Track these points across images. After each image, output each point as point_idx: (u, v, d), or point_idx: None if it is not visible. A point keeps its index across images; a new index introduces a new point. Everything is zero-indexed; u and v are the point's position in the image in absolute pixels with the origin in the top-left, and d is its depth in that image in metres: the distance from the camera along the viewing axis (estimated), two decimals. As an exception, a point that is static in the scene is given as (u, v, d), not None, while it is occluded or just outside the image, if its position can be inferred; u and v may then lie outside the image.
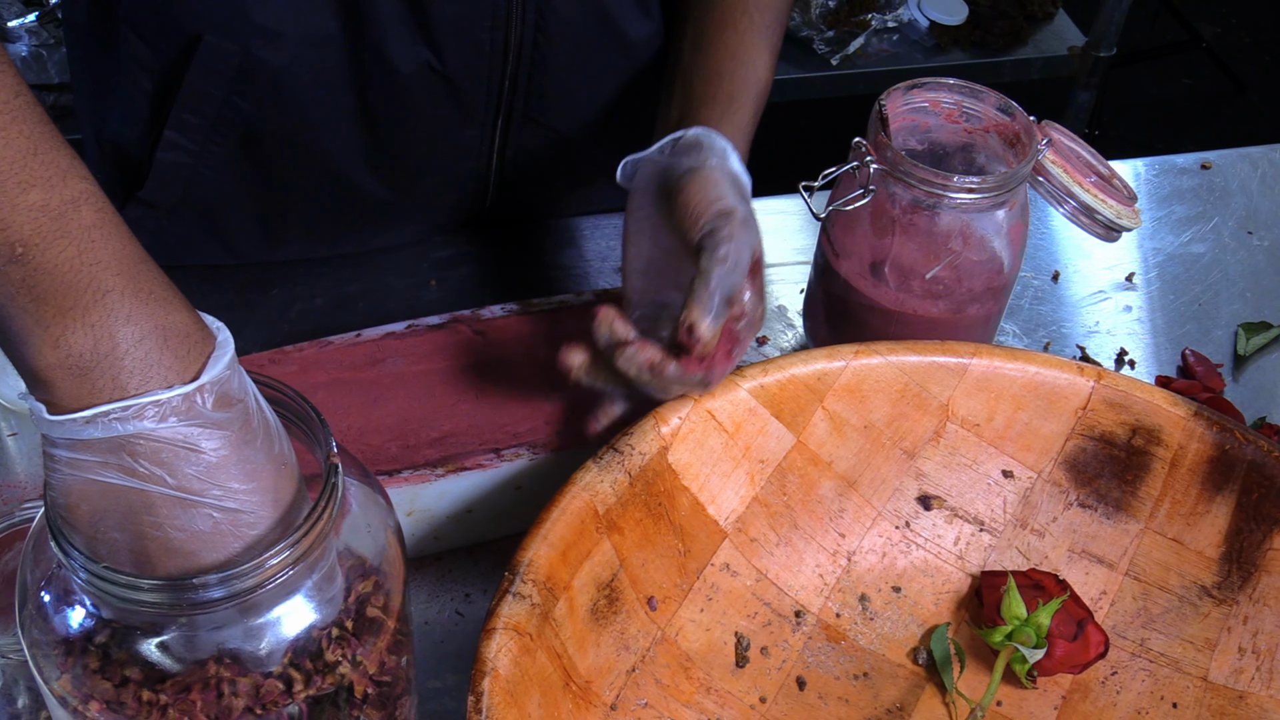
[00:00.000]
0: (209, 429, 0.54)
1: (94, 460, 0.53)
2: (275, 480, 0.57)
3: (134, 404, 0.52)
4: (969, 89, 0.89)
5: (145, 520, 0.54)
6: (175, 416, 0.53)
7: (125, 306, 0.53)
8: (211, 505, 0.55)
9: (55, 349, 0.52)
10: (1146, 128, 2.82)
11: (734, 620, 0.78)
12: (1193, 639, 0.79)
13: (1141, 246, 1.13)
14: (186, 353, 0.55)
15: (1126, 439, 0.82)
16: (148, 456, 0.53)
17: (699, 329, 0.73)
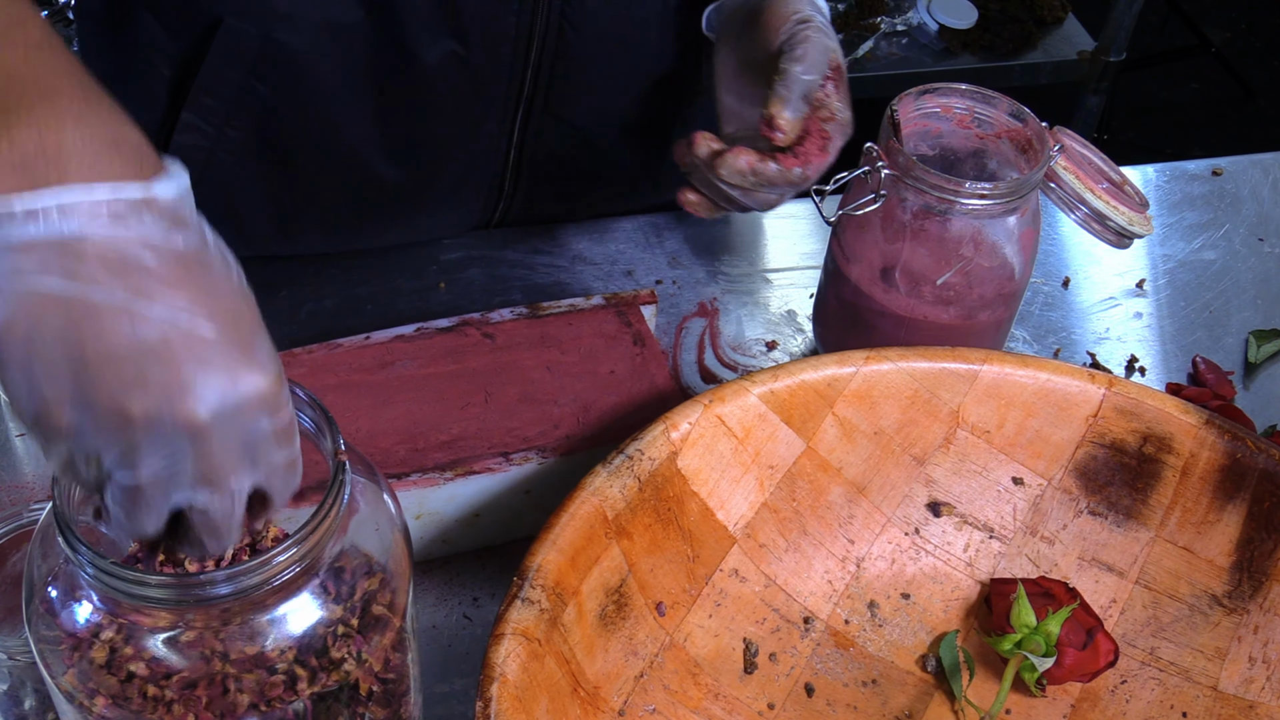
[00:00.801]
0: (159, 240, 0.50)
1: (33, 264, 0.49)
2: (232, 304, 0.53)
3: (79, 192, 0.49)
4: (981, 94, 0.89)
5: (86, 329, 0.49)
6: (124, 222, 0.50)
7: (75, 108, 0.50)
8: (157, 317, 0.50)
9: (23, 141, 0.49)
10: (1156, 133, 2.81)
11: (742, 626, 0.78)
12: (1203, 648, 0.79)
13: (1152, 253, 1.13)
14: (139, 165, 0.51)
15: (1137, 447, 0.82)
16: (92, 259, 0.49)
17: (779, 119, 0.79)
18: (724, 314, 1.03)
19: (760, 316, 1.03)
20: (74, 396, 0.50)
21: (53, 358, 0.50)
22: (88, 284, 0.49)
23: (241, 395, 0.52)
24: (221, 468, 0.53)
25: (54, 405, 0.51)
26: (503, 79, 0.95)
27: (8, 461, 0.89)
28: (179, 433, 0.51)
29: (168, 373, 0.50)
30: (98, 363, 0.50)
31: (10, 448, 0.89)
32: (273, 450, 0.55)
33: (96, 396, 0.50)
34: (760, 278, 1.06)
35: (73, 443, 0.52)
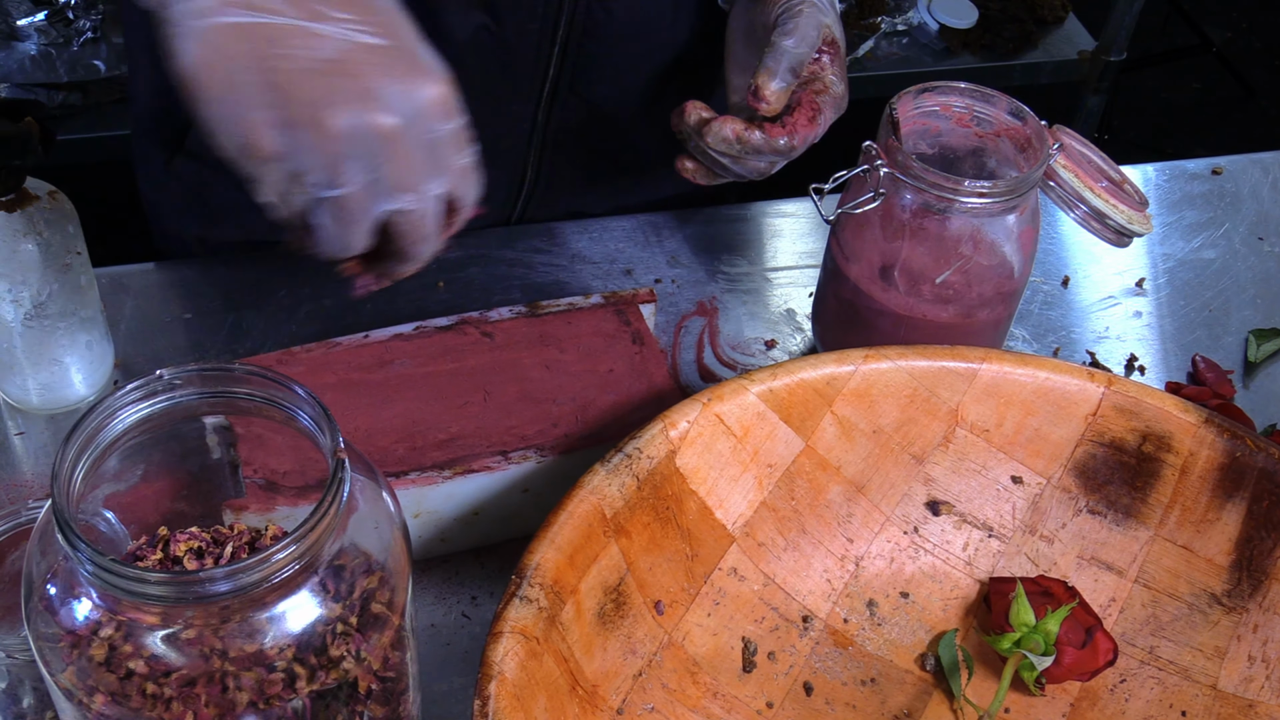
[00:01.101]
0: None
1: (216, 5, 0.54)
2: (392, 17, 0.57)
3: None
4: (980, 93, 0.89)
5: (273, 53, 0.54)
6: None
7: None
8: (334, 34, 0.55)
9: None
10: (1156, 132, 2.81)
11: (741, 625, 0.78)
12: (1202, 647, 0.79)
13: (1152, 252, 1.13)
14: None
15: (1136, 445, 0.82)
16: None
17: (764, 90, 0.80)
18: (723, 313, 1.03)
19: (759, 315, 1.03)
20: (276, 119, 0.56)
21: (249, 82, 0.55)
22: (269, 11, 0.54)
23: (421, 100, 0.57)
24: (416, 171, 0.59)
25: (258, 130, 0.56)
26: (530, 54, 0.95)
27: (6, 459, 0.89)
28: (375, 140, 0.56)
29: (354, 83, 0.55)
30: (290, 81, 0.55)
31: (9, 445, 0.89)
32: (453, 154, 0.60)
33: (296, 114, 0.55)
34: (759, 276, 1.06)
35: (281, 166, 0.57)
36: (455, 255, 1.05)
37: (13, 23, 1.88)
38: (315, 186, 0.58)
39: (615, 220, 1.09)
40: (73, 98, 1.92)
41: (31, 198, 0.83)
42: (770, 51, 0.82)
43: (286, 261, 1.04)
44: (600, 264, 1.06)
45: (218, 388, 0.62)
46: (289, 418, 0.62)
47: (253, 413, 0.63)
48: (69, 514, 0.56)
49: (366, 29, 0.56)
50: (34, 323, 0.86)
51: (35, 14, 1.88)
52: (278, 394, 0.62)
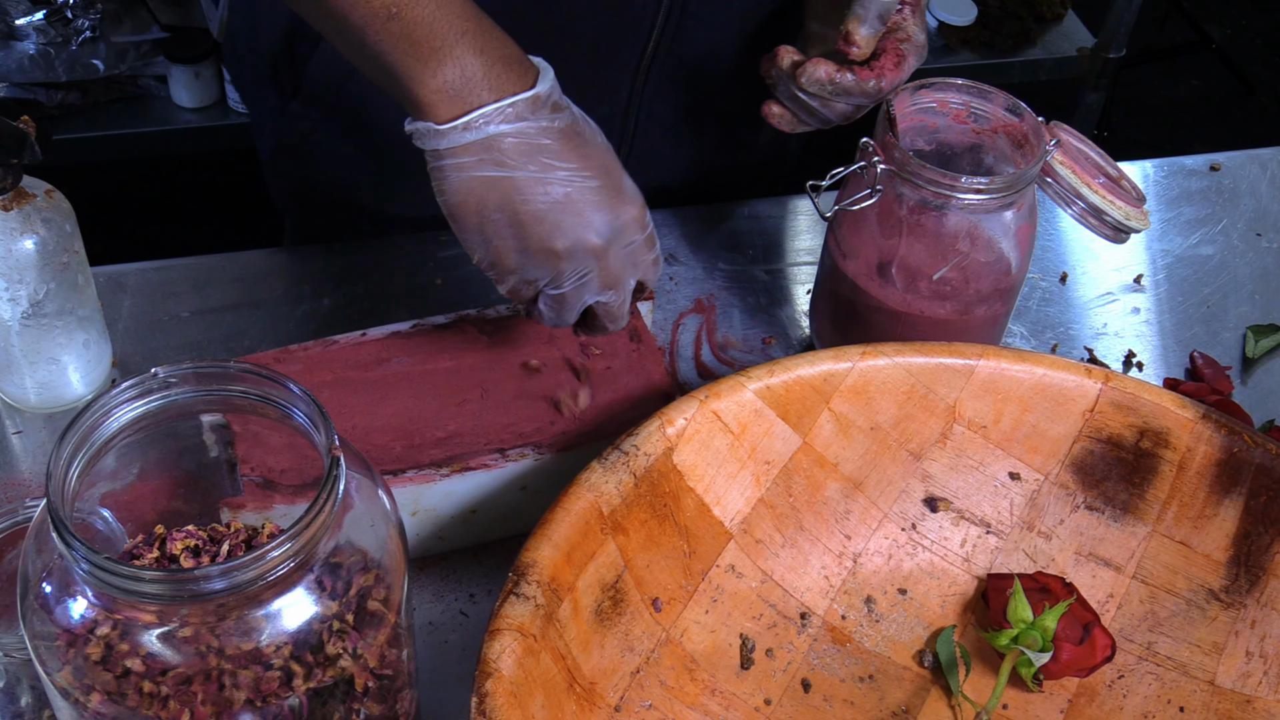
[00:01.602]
0: (548, 125, 0.72)
1: (472, 160, 0.71)
2: (603, 160, 0.75)
3: (494, 108, 0.71)
4: (977, 89, 0.89)
5: (515, 198, 0.72)
6: (522, 118, 0.71)
7: (478, 42, 0.71)
8: (559, 181, 0.72)
9: (435, 79, 0.71)
10: (1156, 129, 2.81)
11: (739, 622, 0.78)
12: (1200, 643, 0.79)
13: (1150, 248, 1.13)
14: (525, 75, 0.73)
15: (1134, 441, 0.82)
16: (510, 150, 0.71)
17: (854, 35, 0.84)
18: (721, 310, 1.03)
19: (757, 313, 1.03)
20: (515, 246, 0.74)
21: (497, 220, 0.73)
22: (511, 168, 0.71)
23: (622, 222, 0.75)
24: (618, 275, 0.77)
25: (502, 254, 0.74)
26: (639, 12, 0.97)
27: (4, 458, 0.89)
28: (589, 256, 0.75)
29: (575, 218, 0.73)
30: (529, 220, 0.73)
31: (6, 444, 0.89)
32: (645, 253, 0.78)
33: (531, 243, 0.73)
34: (757, 274, 1.06)
35: (518, 275, 0.75)
36: (453, 253, 1.05)
37: (11, 22, 1.87)
38: (541, 286, 0.76)
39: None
40: (71, 97, 1.92)
41: (29, 196, 0.83)
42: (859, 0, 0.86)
43: (288, 259, 1.04)
44: (598, 262, 1.06)
45: (213, 386, 0.62)
46: (284, 415, 0.62)
47: (248, 411, 0.63)
48: (64, 512, 0.56)
49: (585, 174, 0.73)
50: (31, 321, 0.86)
51: (34, 13, 1.88)
52: (273, 392, 0.62)
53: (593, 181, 0.73)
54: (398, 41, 0.70)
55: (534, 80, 0.73)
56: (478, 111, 0.71)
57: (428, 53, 0.70)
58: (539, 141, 0.72)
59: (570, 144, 0.73)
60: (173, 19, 1.95)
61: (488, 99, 0.71)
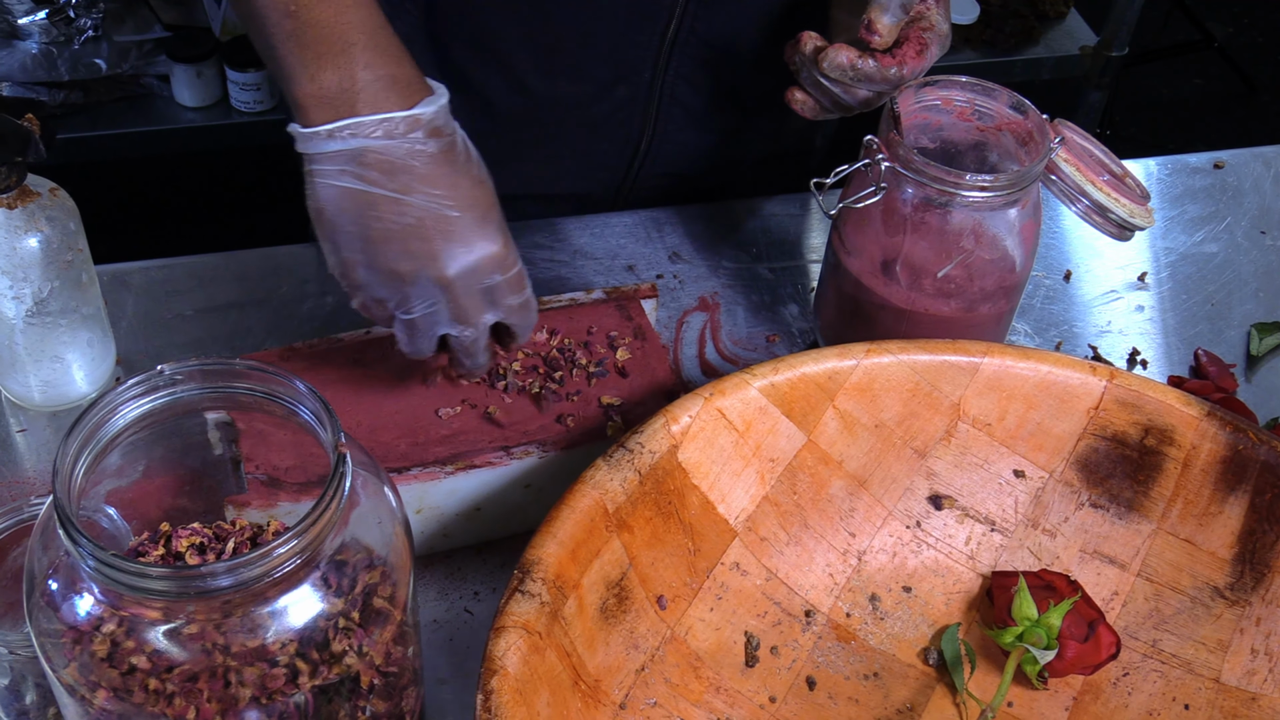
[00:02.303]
0: (418, 148, 0.71)
1: (335, 169, 0.71)
2: (472, 192, 0.73)
3: (363, 121, 0.70)
4: (981, 87, 0.89)
5: (369, 214, 0.71)
6: (392, 137, 0.71)
7: (365, 56, 0.71)
8: (417, 205, 0.71)
9: (312, 83, 0.71)
10: (1158, 128, 2.81)
11: (744, 619, 0.78)
12: (1205, 640, 0.79)
13: (1154, 246, 1.13)
14: (409, 95, 0.72)
15: (1139, 439, 0.82)
16: (372, 166, 0.71)
17: (877, 23, 0.84)
18: (725, 308, 1.03)
19: (761, 310, 1.03)
20: (364, 261, 0.73)
21: (350, 232, 0.72)
22: (370, 183, 0.71)
23: (476, 258, 0.73)
24: (468, 309, 0.75)
25: (351, 267, 0.74)
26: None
27: (8, 457, 0.89)
28: (434, 286, 0.73)
29: (425, 245, 0.72)
30: (378, 238, 0.72)
31: (11, 443, 0.89)
32: (507, 295, 0.76)
33: (378, 262, 0.73)
34: (761, 271, 1.06)
35: (365, 292, 0.75)
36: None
37: (14, 21, 1.87)
38: (391, 310, 0.75)
39: (617, 216, 1.09)
40: (74, 96, 1.92)
41: (33, 194, 0.83)
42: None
43: (291, 257, 1.04)
44: (602, 260, 1.06)
45: (219, 383, 0.63)
46: (290, 413, 0.62)
47: (254, 408, 0.63)
48: (70, 509, 0.56)
49: (446, 202, 0.72)
50: (35, 320, 0.86)
51: (36, 13, 1.88)
52: (278, 389, 0.62)
53: (453, 212, 0.72)
54: (288, 39, 0.71)
55: (418, 101, 0.72)
56: (346, 121, 0.71)
57: (312, 56, 0.71)
58: (405, 162, 0.71)
59: (439, 170, 0.72)
60: (175, 18, 1.95)
61: (361, 111, 0.71)
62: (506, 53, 1.00)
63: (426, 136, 0.72)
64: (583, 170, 1.10)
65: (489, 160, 1.07)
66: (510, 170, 1.08)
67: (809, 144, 1.19)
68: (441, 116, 0.73)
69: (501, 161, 1.07)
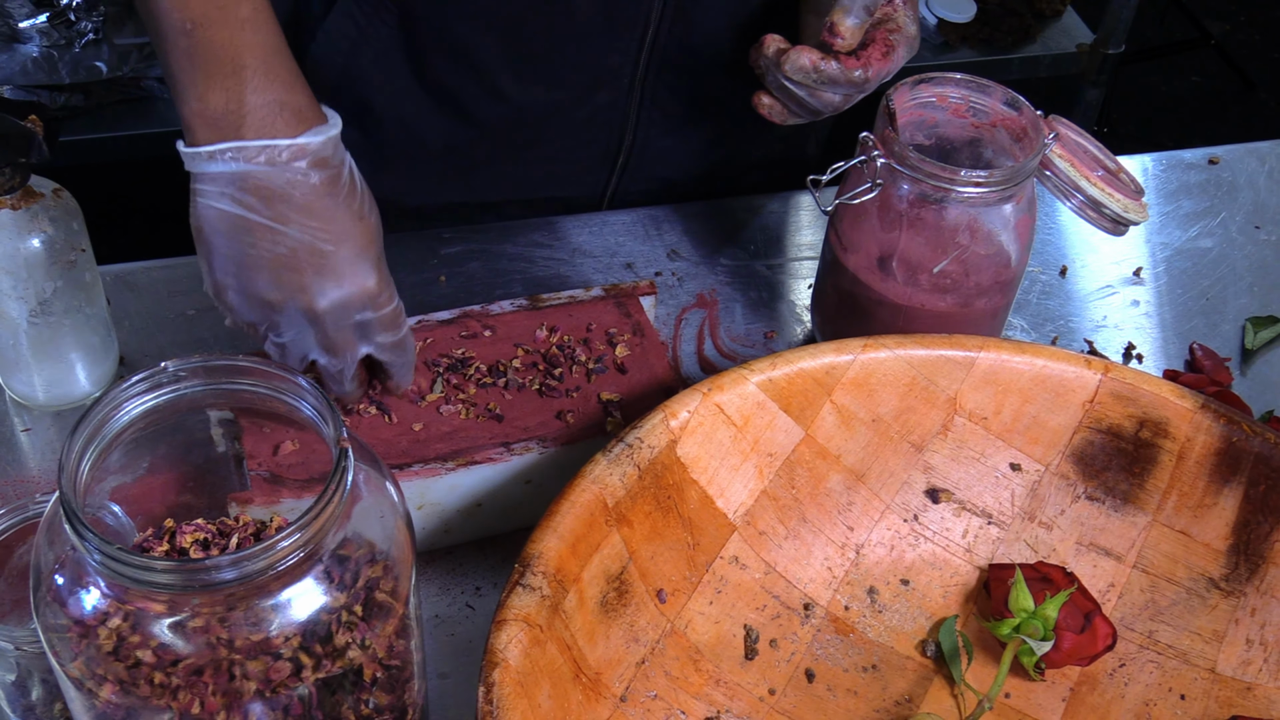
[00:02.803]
0: (299, 178, 0.71)
1: (216, 190, 0.71)
2: (349, 227, 0.73)
3: (246, 146, 0.70)
4: (976, 84, 0.90)
5: (244, 239, 0.71)
6: (274, 164, 0.70)
7: (256, 81, 0.71)
8: (291, 236, 0.71)
9: (199, 102, 0.70)
10: (1155, 125, 2.81)
11: (743, 613, 0.78)
12: (1200, 631, 0.79)
13: (1149, 241, 1.13)
14: (298, 123, 0.71)
15: (1134, 432, 0.82)
16: (251, 191, 0.70)
17: (839, 26, 0.84)
18: (723, 305, 1.04)
19: (759, 307, 1.04)
20: (236, 286, 0.73)
21: (224, 255, 0.72)
22: (247, 209, 0.70)
23: (346, 294, 0.73)
24: (336, 341, 0.75)
25: (222, 289, 0.74)
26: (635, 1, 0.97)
27: (12, 455, 0.89)
28: (302, 317, 0.73)
29: (296, 276, 0.72)
30: (250, 264, 0.72)
31: (15, 442, 0.90)
32: (380, 332, 0.76)
33: (249, 288, 0.73)
34: (758, 268, 1.07)
35: (236, 315, 0.75)
36: (456, 250, 1.06)
37: (14, 25, 1.88)
38: (263, 333, 0.75)
39: (615, 214, 1.10)
40: (75, 99, 1.93)
41: (36, 195, 0.83)
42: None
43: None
44: (601, 258, 1.06)
45: (223, 379, 0.63)
46: (293, 409, 0.63)
47: (257, 404, 0.64)
48: (76, 504, 0.57)
49: (322, 235, 0.72)
50: (39, 319, 0.87)
51: (37, 16, 1.88)
52: (282, 385, 0.63)
53: (327, 245, 0.72)
54: (182, 56, 0.71)
55: (306, 130, 0.72)
56: (229, 144, 0.70)
57: (202, 75, 0.71)
58: (284, 191, 0.71)
59: (319, 202, 0.72)
60: (175, 21, 1.95)
61: (246, 135, 0.70)
62: (483, 62, 1.00)
63: (310, 167, 0.71)
64: (565, 175, 1.10)
65: (472, 165, 1.08)
66: (493, 176, 1.09)
67: (801, 150, 1.19)
68: (329, 147, 0.73)
69: (484, 167, 1.08)
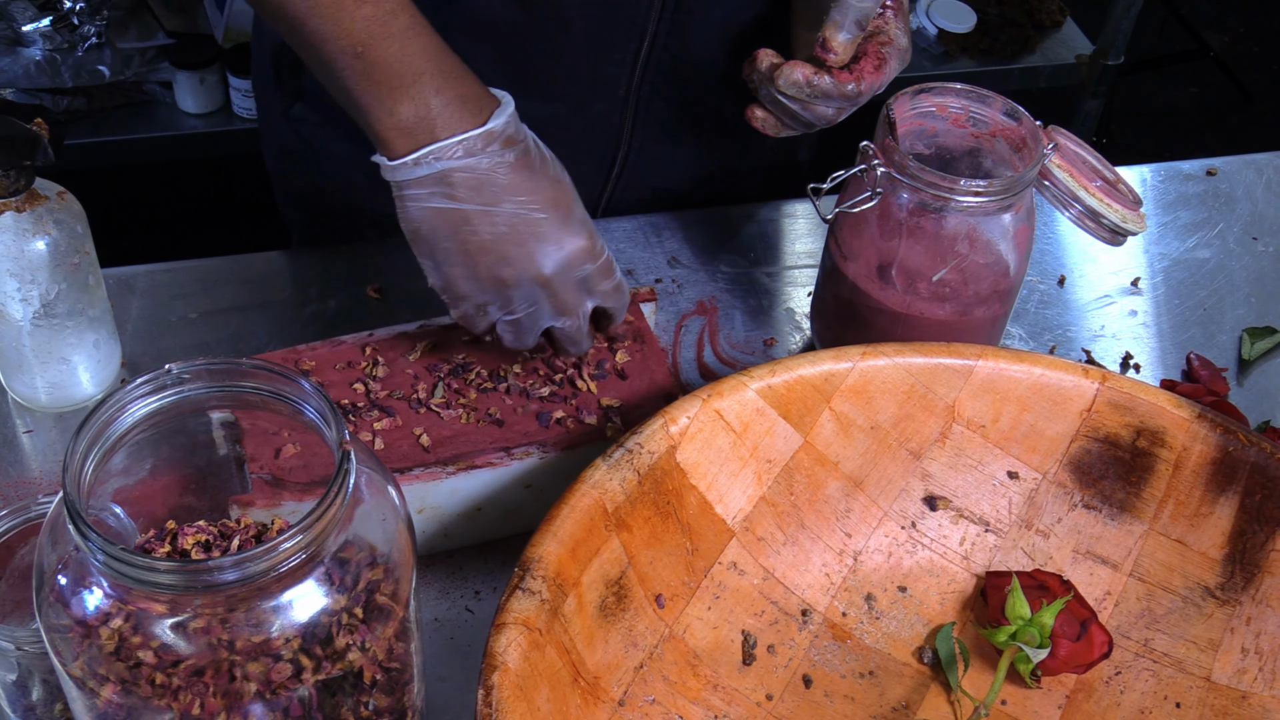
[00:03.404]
0: (498, 160, 0.76)
1: (425, 192, 0.76)
2: (552, 193, 0.78)
3: (443, 145, 0.75)
4: (976, 94, 0.90)
5: (464, 229, 0.76)
6: (472, 154, 0.75)
7: (435, 82, 0.76)
8: (506, 213, 0.76)
9: (390, 116, 0.76)
10: (1154, 136, 2.82)
11: (741, 618, 0.79)
12: (1196, 639, 0.80)
13: (1147, 251, 1.14)
14: (479, 111, 0.77)
15: (1131, 441, 0.83)
16: (460, 184, 0.75)
17: (831, 41, 0.85)
18: (723, 312, 1.04)
19: (759, 314, 1.04)
20: (466, 274, 0.78)
21: (449, 249, 0.77)
22: (460, 201, 0.76)
23: (568, 253, 0.78)
24: (568, 302, 0.80)
25: (454, 280, 0.79)
26: (629, 10, 0.98)
27: (15, 457, 0.90)
28: (535, 286, 0.79)
29: (520, 249, 0.77)
30: (475, 250, 0.77)
31: (17, 443, 0.90)
32: (600, 281, 0.81)
33: (479, 272, 0.78)
34: (758, 276, 1.07)
35: (469, 301, 0.80)
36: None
37: (18, 28, 1.89)
38: (495, 313, 0.80)
39: (616, 221, 1.10)
40: (77, 102, 1.93)
41: (41, 198, 0.84)
42: (837, 5, 0.86)
43: (294, 261, 1.05)
44: (601, 264, 1.07)
45: (226, 382, 0.64)
46: (295, 410, 0.63)
47: (260, 407, 0.64)
48: (80, 505, 0.57)
49: (532, 206, 0.77)
50: (43, 321, 0.87)
51: (40, 20, 1.89)
52: (285, 388, 0.63)
53: (539, 214, 0.77)
54: (360, 79, 0.75)
55: (489, 116, 0.77)
56: (429, 148, 0.75)
57: (386, 91, 0.75)
58: (489, 176, 0.76)
59: (520, 177, 0.77)
60: (178, 25, 1.96)
61: (440, 136, 0.75)
62: (478, 71, 1.00)
63: (502, 147, 0.76)
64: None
65: None
66: None
67: (793, 158, 1.19)
68: (512, 125, 0.78)
69: None
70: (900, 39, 0.89)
